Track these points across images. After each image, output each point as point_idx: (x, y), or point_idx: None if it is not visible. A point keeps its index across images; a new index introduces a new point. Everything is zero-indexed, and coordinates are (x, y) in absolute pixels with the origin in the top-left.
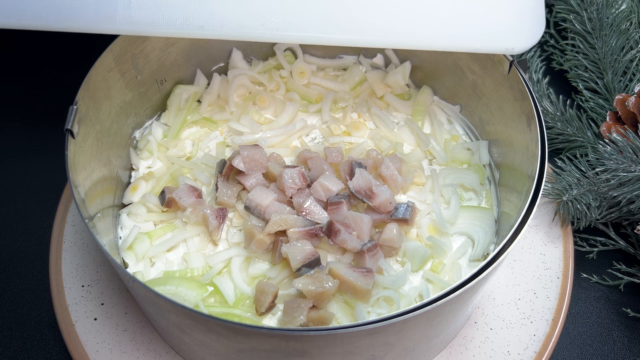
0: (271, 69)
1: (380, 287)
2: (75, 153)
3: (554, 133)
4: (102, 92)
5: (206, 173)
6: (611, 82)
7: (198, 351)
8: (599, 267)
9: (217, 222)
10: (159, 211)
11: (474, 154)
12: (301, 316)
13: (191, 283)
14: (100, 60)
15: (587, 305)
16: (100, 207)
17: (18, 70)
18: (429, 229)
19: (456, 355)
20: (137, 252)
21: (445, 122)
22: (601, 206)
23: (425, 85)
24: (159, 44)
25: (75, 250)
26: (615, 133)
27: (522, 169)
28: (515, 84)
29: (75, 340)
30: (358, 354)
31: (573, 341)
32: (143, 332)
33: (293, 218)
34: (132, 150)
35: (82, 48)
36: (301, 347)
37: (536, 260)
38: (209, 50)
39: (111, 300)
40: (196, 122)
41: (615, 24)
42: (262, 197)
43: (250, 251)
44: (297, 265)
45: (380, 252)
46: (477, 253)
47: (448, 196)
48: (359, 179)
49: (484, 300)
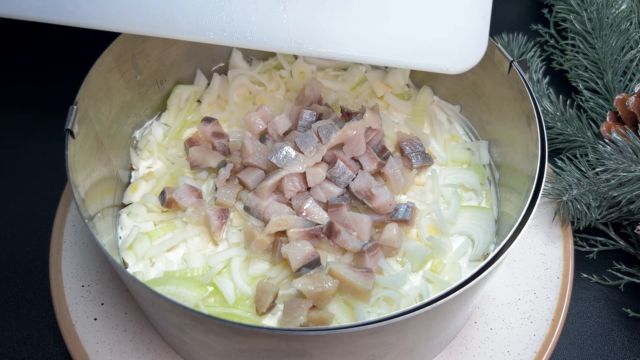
0: (271, 69)
1: (380, 287)
2: (75, 153)
3: (554, 133)
4: (102, 92)
5: (206, 173)
6: (611, 82)
7: (198, 351)
8: (599, 267)
9: (219, 222)
10: (159, 211)
11: (474, 154)
12: (301, 316)
13: (191, 283)
14: (100, 60)
15: (587, 305)
16: (100, 207)
17: (18, 70)
18: (429, 229)
19: (456, 355)
20: (137, 252)
21: (445, 122)
22: (601, 206)
23: (425, 85)
24: (159, 44)
25: (75, 250)
26: (615, 133)
27: (522, 169)
28: (515, 84)
29: (75, 340)
30: (358, 354)
31: (573, 341)
32: (143, 332)
33: (293, 218)
34: (132, 150)
35: (82, 48)
36: (301, 347)
37: (536, 260)
38: (209, 50)
39: (111, 300)
40: (196, 122)
41: (615, 24)
42: (262, 197)
43: (250, 251)
44: (297, 265)
45: (381, 252)
46: (477, 253)
47: (448, 196)
48: (360, 179)
49: (484, 300)
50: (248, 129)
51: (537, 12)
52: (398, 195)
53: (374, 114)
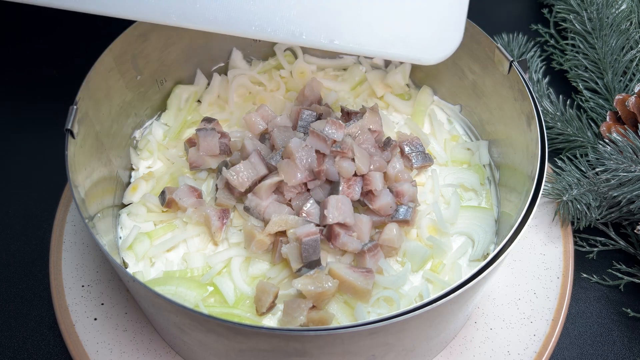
0: (271, 69)
1: (380, 287)
2: (75, 153)
3: (554, 133)
4: (102, 92)
5: (206, 173)
6: (611, 82)
7: (198, 351)
8: (599, 267)
9: (219, 222)
10: (159, 211)
11: (474, 154)
12: (301, 316)
13: (191, 283)
14: (100, 60)
15: (587, 305)
16: (100, 207)
17: (18, 70)
18: (429, 229)
19: (456, 355)
20: (137, 252)
21: (445, 122)
22: (601, 206)
23: (425, 85)
24: (159, 44)
25: (75, 250)
26: (615, 133)
27: (522, 169)
28: (515, 84)
29: (75, 340)
30: (358, 354)
31: (573, 341)
32: (143, 332)
33: (293, 218)
34: (132, 150)
35: (82, 48)
36: (301, 347)
37: (536, 260)
38: (209, 50)
39: (111, 300)
40: (196, 122)
41: (615, 24)
42: (262, 197)
43: (250, 251)
44: (297, 265)
45: (381, 252)
46: (477, 253)
47: (448, 196)
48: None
49: (484, 300)
50: (248, 129)
51: (537, 12)
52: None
53: (373, 114)
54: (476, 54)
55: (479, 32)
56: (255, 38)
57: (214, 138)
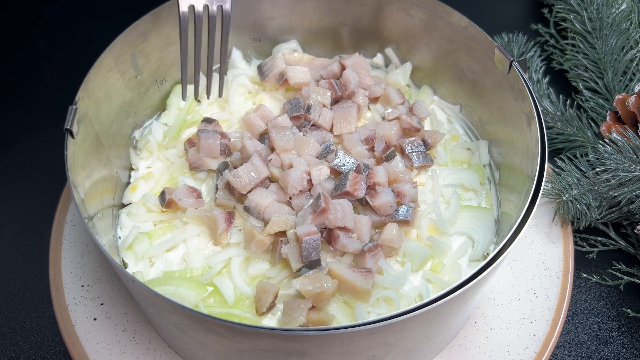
0: None
1: (380, 287)
2: (75, 153)
3: (554, 133)
4: (101, 92)
5: (205, 173)
6: (611, 82)
7: (198, 351)
8: (599, 267)
9: (226, 225)
10: (159, 211)
11: (474, 154)
12: (300, 317)
13: (191, 283)
14: (100, 60)
15: (587, 305)
16: (100, 207)
17: (18, 70)
18: (429, 229)
19: (456, 355)
20: (137, 252)
21: (445, 122)
22: (601, 206)
23: (425, 85)
24: (158, 44)
25: (74, 250)
26: (615, 133)
27: (522, 169)
28: (515, 84)
29: (75, 340)
30: (358, 354)
31: (573, 341)
32: (143, 332)
33: (293, 219)
34: (131, 150)
35: (82, 48)
36: (301, 347)
37: (536, 260)
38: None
39: (111, 300)
40: (196, 122)
41: (615, 23)
42: (262, 197)
43: (250, 251)
44: (297, 265)
45: (381, 253)
46: (477, 253)
47: (448, 196)
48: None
49: (484, 300)
50: (248, 129)
51: (537, 12)
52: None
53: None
54: (476, 54)
55: (479, 32)
56: None
57: (215, 140)
